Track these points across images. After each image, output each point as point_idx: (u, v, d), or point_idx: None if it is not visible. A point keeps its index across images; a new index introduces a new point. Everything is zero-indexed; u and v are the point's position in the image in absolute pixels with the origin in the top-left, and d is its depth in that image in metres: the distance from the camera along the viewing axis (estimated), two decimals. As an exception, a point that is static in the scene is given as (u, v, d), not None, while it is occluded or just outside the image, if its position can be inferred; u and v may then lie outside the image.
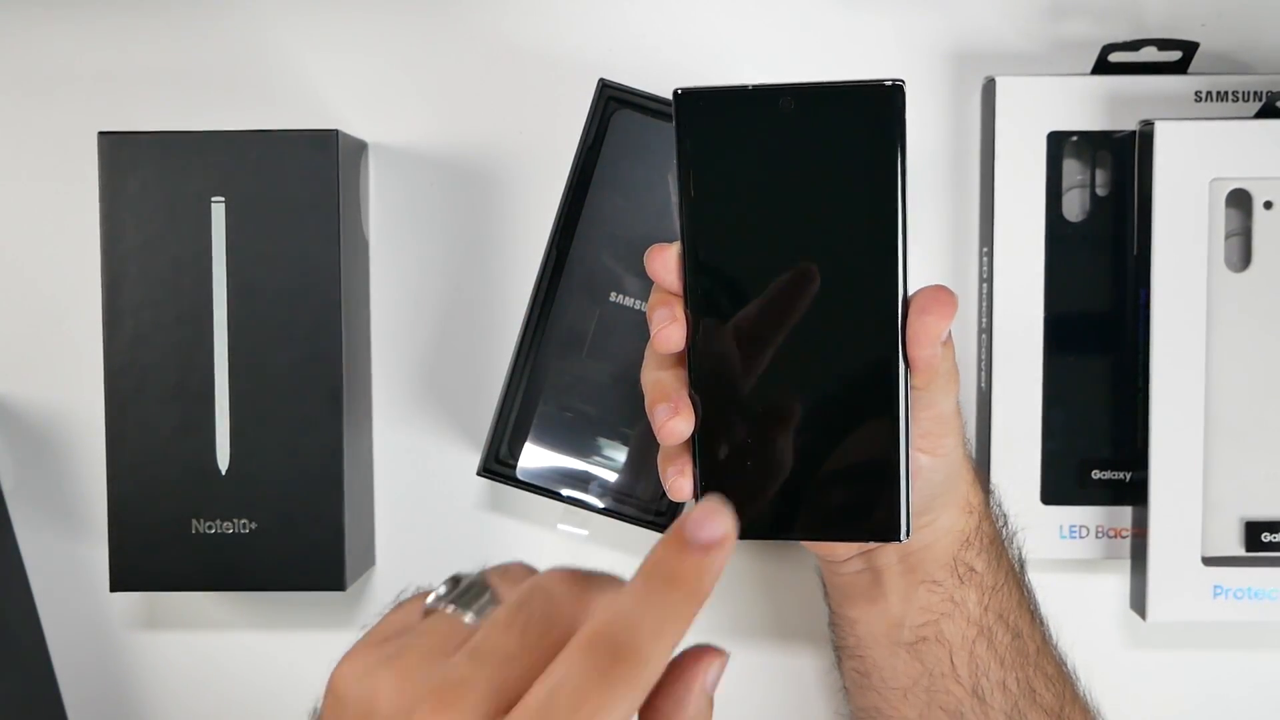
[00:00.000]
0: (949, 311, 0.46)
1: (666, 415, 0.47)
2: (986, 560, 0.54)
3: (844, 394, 0.47)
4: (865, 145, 0.46)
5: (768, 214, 0.47)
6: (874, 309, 0.46)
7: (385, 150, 0.65)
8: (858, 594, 0.55)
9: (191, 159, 0.59)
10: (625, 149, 0.59)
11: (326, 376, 0.60)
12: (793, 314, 0.47)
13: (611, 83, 0.59)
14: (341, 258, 0.60)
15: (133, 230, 0.59)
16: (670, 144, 0.48)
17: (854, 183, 0.46)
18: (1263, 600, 0.60)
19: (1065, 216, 0.62)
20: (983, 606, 0.54)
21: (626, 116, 0.59)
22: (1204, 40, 0.61)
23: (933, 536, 0.53)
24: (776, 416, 0.47)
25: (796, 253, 0.47)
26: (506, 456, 0.60)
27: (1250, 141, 0.58)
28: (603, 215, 0.59)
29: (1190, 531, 0.59)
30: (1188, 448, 0.59)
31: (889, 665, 0.55)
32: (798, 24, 0.65)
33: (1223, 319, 0.60)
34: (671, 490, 0.48)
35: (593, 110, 0.59)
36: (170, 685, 0.66)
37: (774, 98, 0.46)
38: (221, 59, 0.65)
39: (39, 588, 0.65)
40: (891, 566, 0.54)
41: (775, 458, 0.47)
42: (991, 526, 0.55)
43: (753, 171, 0.47)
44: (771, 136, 0.46)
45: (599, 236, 0.59)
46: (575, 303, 0.60)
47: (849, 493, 0.47)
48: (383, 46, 0.65)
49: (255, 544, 0.59)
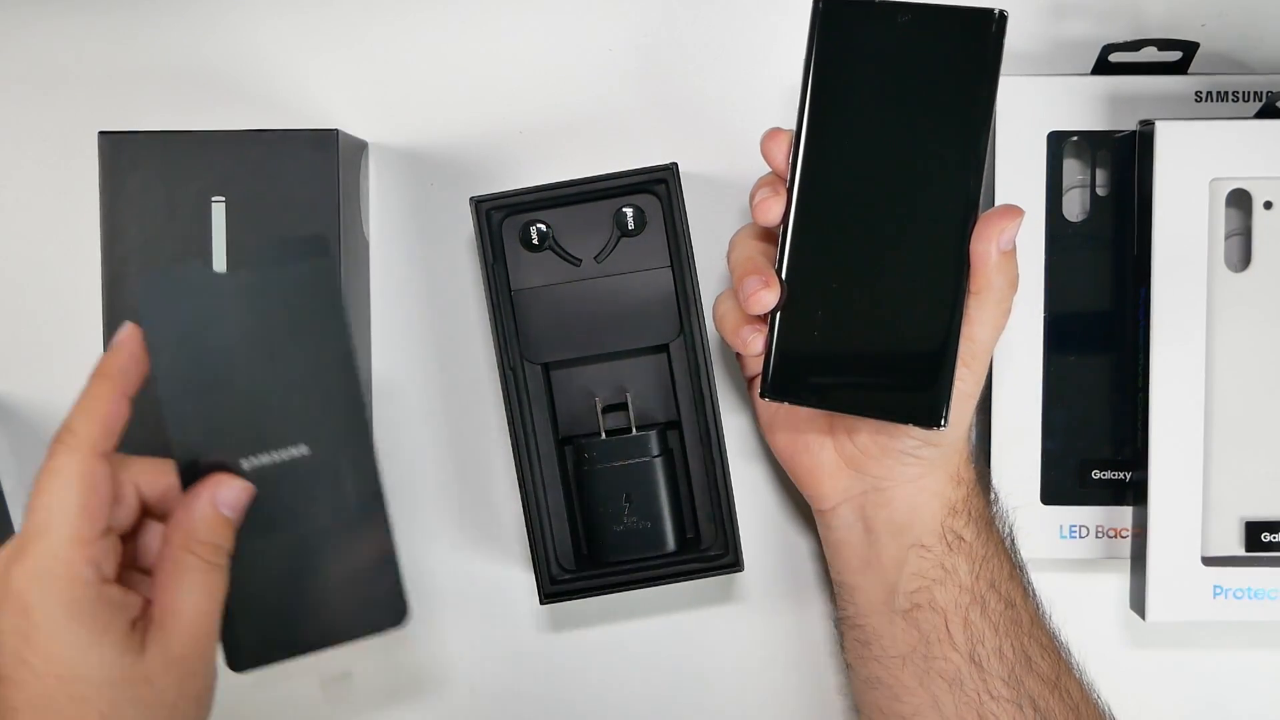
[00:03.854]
0: (1014, 215, 0.51)
1: (756, 286, 0.52)
2: (975, 531, 0.56)
3: (911, 286, 0.52)
4: (964, 62, 0.51)
5: (873, 115, 0.52)
6: (948, 210, 0.51)
7: (385, 150, 0.65)
8: (852, 554, 0.58)
9: (191, 159, 0.59)
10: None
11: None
12: (879, 207, 0.52)
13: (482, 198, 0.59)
14: (342, 258, 0.60)
15: (133, 230, 0.59)
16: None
17: (949, 95, 0.51)
18: (1263, 600, 0.60)
19: (1065, 216, 0.62)
20: (974, 575, 0.56)
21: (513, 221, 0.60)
22: (1204, 40, 0.61)
23: (919, 498, 0.56)
24: (847, 297, 0.52)
25: (894, 152, 0.52)
26: (559, 575, 0.60)
27: (1250, 141, 0.58)
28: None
29: (1190, 531, 0.59)
30: (1188, 448, 0.59)
31: (888, 633, 0.57)
32: (798, 24, 0.64)
33: (1223, 319, 0.60)
34: (745, 345, 0.54)
35: (477, 228, 0.59)
36: (170, 685, 0.66)
37: (894, 11, 0.52)
38: (221, 59, 0.65)
39: (39, 588, 0.65)
40: (881, 521, 0.56)
41: (840, 334, 0.52)
42: (981, 501, 0.57)
43: (867, 74, 0.52)
44: (888, 45, 0.52)
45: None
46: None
47: (900, 376, 0.52)
48: (383, 46, 0.65)
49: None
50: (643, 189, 0.60)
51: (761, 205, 0.53)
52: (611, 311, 0.60)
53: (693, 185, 0.62)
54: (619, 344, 0.60)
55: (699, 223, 0.61)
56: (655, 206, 0.60)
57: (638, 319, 0.60)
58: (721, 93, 0.65)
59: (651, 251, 0.60)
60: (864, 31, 0.52)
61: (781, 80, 0.64)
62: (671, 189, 0.59)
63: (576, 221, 0.60)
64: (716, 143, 0.64)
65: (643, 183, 0.59)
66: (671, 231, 0.59)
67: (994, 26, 0.50)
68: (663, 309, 0.60)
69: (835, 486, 0.58)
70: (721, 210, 0.64)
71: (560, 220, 0.60)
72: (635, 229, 0.60)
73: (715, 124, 0.65)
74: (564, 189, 0.59)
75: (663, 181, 0.59)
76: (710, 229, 0.63)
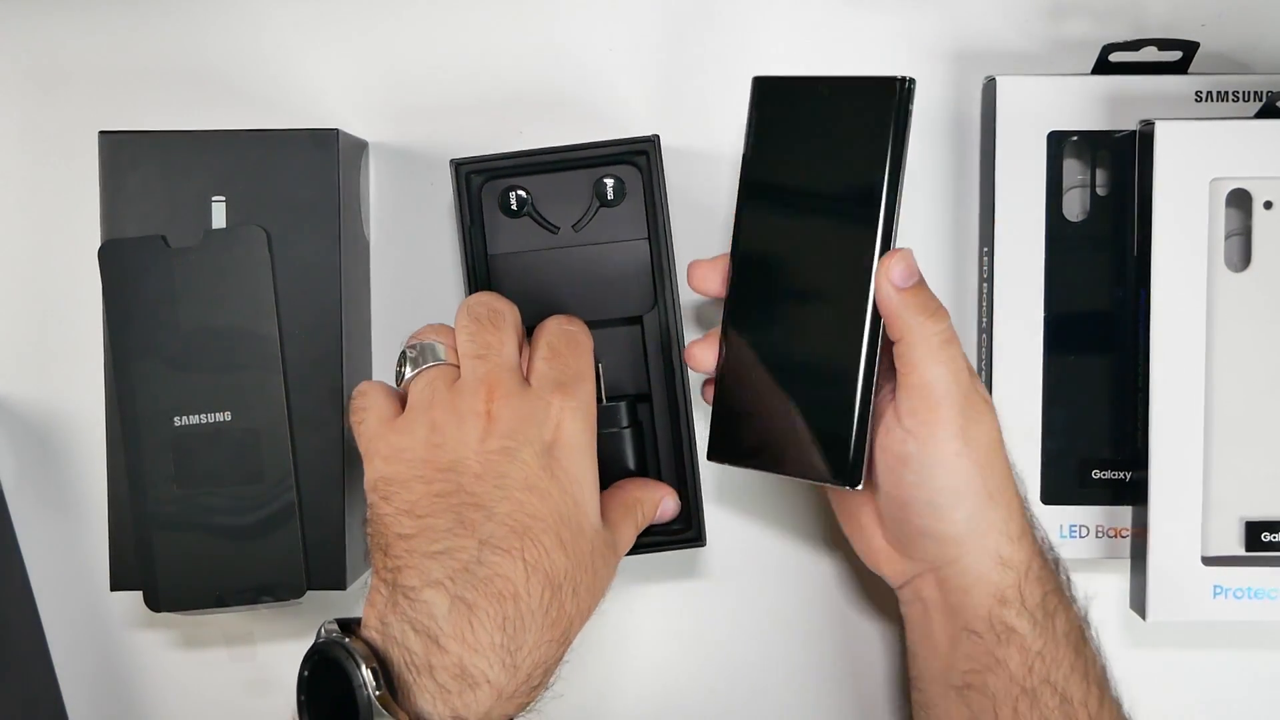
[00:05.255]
0: (904, 254, 0.52)
1: (696, 347, 0.57)
2: (1032, 623, 0.53)
3: (830, 344, 0.54)
4: (877, 125, 0.53)
5: (803, 182, 0.56)
6: (860, 267, 0.53)
7: (385, 150, 0.65)
8: (914, 626, 0.57)
9: (191, 158, 0.59)
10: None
11: (326, 376, 0.60)
12: (806, 271, 0.55)
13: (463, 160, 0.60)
14: (341, 258, 0.60)
15: (133, 230, 0.59)
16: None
17: (865, 157, 0.54)
18: (1263, 600, 0.60)
19: (1065, 216, 0.62)
20: (1026, 667, 0.53)
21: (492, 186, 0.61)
22: (1204, 40, 0.61)
23: (964, 580, 0.54)
24: (777, 360, 0.55)
25: (820, 215, 0.55)
26: None
27: (1250, 141, 0.58)
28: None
29: (1190, 531, 0.59)
30: (1188, 448, 0.59)
31: (942, 704, 0.56)
32: (798, 24, 0.65)
33: (1223, 319, 0.60)
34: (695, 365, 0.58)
35: (456, 190, 0.60)
36: (170, 685, 0.66)
37: (819, 85, 0.55)
38: (221, 59, 0.65)
39: (39, 588, 0.65)
40: (934, 602, 0.55)
41: (770, 397, 0.55)
42: (1038, 589, 0.54)
43: (799, 145, 0.56)
44: (815, 116, 0.55)
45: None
46: None
47: (820, 435, 0.54)
48: (383, 46, 0.65)
49: (254, 544, 0.60)
50: (624, 160, 0.60)
51: (695, 273, 0.57)
52: (587, 281, 0.60)
53: (674, 159, 0.62)
54: (593, 314, 0.60)
55: (679, 196, 0.62)
56: (636, 178, 0.60)
57: (613, 290, 0.60)
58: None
59: (630, 222, 0.60)
60: (795, 105, 0.56)
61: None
62: (653, 160, 0.59)
63: (556, 189, 0.60)
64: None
65: (624, 153, 0.59)
66: (650, 203, 0.60)
67: (901, 93, 0.53)
68: (638, 281, 0.60)
69: (894, 569, 0.57)
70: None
71: (540, 187, 0.60)
72: (615, 199, 0.60)
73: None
74: (545, 155, 0.59)
75: (644, 153, 0.59)
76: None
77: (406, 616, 0.48)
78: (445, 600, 0.48)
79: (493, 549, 0.49)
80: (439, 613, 0.48)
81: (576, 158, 0.59)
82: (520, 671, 0.48)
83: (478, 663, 0.47)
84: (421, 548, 0.49)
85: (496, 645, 0.48)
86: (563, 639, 0.50)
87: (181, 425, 0.58)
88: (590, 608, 0.52)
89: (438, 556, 0.49)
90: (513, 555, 0.49)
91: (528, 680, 0.49)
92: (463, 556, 0.49)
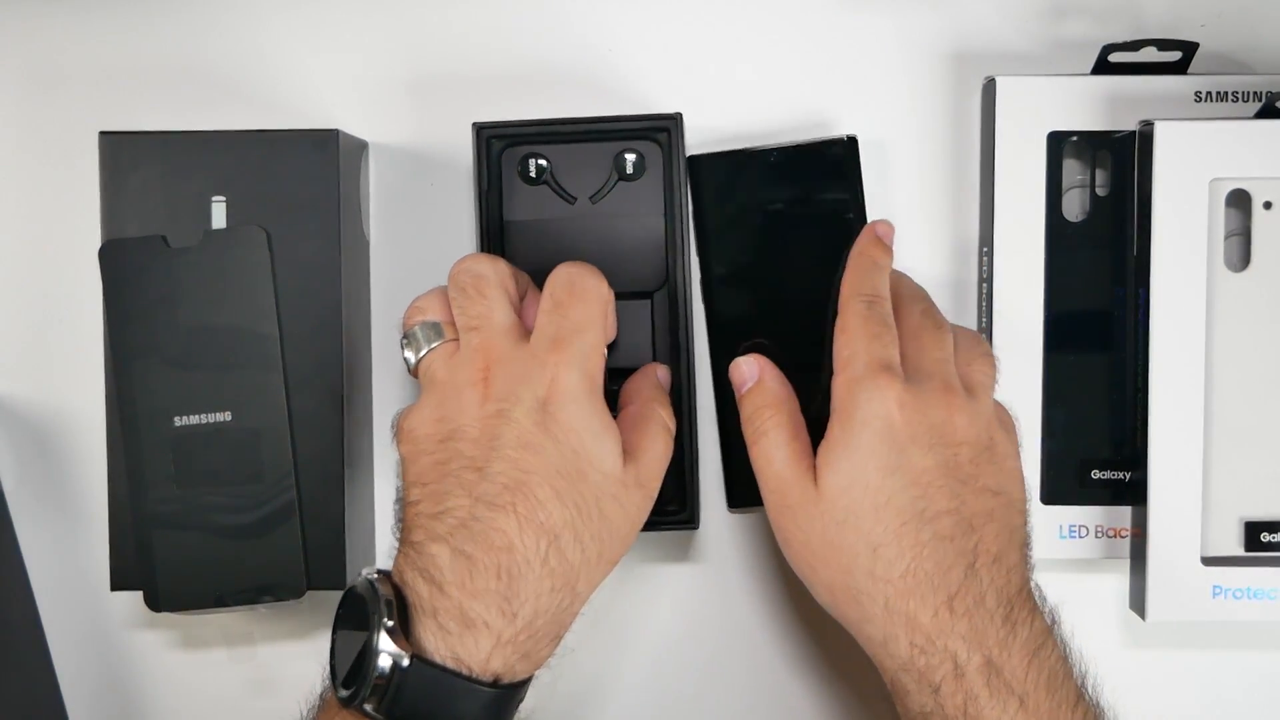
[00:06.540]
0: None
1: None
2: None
3: (818, 391, 0.56)
4: (827, 182, 0.60)
5: (762, 244, 0.61)
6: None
7: (385, 150, 0.65)
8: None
9: (192, 159, 0.59)
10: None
11: (326, 376, 0.60)
12: (775, 320, 0.62)
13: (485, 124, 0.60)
14: (341, 258, 0.60)
15: (133, 230, 0.59)
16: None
17: (818, 214, 0.60)
18: (1262, 600, 0.60)
19: (1065, 216, 0.62)
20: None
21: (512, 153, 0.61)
22: (1204, 40, 0.61)
23: (871, 650, 0.54)
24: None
25: (783, 272, 0.62)
26: None
27: (1250, 141, 0.58)
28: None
29: (1190, 531, 0.59)
30: (1187, 448, 0.59)
31: None
32: (798, 24, 0.65)
33: (1223, 319, 0.60)
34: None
35: (476, 154, 0.60)
36: (170, 685, 0.66)
37: (764, 154, 0.61)
38: (221, 59, 0.65)
39: (39, 588, 0.65)
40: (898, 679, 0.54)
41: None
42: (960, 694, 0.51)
43: (752, 213, 0.62)
44: (763, 183, 0.61)
45: None
46: None
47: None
48: (383, 46, 0.65)
49: (254, 544, 0.60)
50: (646, 135, 0.60)
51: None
52: (600, 253, 0.60)
53: (697, 138, 0.63)
54: None
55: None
56: (656, 154, 0.61)
57: (625, 264, 0.61)
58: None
59: (647, 198, 0.61)
60: (741, 174, 0.61)
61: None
62: (674, 138, 0.59)
63: (576, 160, 0.61)
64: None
65: (647, 129, 0.60)
66: (669, 181, 0.60)
67: (845, 150, 0.60)
68: (651, 257, 0.61)
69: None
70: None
71: (560, 157, 0.61)
72: (634, 174, 0.61)
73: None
74: (568, 125, 0.60)
75: (666, 130, 0.60)
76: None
77: (416, 566, 0.51)
78: (448, 552, 0.51)
79: (487, 505, 0.51)
80: (443, 563, 0.50)
81: (599, 130, 0.60)
82: (519, 619, 0.50)
83: (476, 608, 0.50)
84: (427, 510, 0.52)
85: (493, 592, 0.50)
86: (566, 587, 0.51)
87: (181, 425, 0.58)
88: (602, 553, 0.52)
89: (440, 516, 0.51)
90: (506, 510, 0.51)
91: (528, 627, 0.51)
92: (460, 514, 0.51)
